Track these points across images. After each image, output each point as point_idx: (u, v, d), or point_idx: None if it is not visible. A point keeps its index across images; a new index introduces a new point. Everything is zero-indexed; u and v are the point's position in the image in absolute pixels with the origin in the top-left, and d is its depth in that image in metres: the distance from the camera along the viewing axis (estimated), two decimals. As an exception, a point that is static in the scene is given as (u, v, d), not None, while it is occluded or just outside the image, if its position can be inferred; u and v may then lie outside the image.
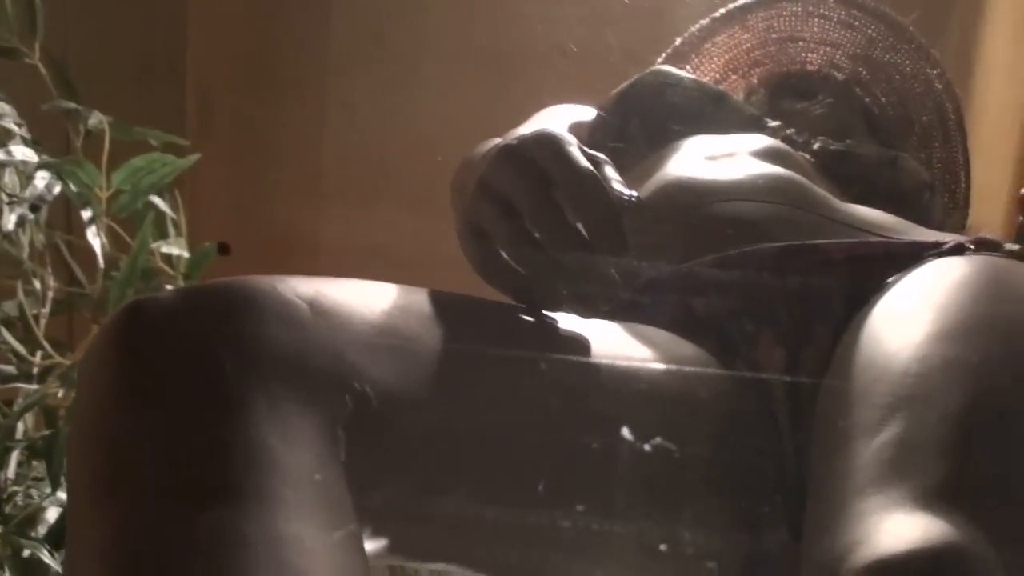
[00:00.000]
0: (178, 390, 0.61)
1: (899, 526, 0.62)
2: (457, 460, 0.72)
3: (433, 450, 0.70)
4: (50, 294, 1.67)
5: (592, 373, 0.79)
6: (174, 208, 1.74)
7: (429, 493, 0.71)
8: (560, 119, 1.37)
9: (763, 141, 1.22)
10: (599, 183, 0.77)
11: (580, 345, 0.81)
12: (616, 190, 0.79)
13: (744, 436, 0.88)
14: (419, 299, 0.75)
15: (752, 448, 0.88)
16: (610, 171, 0.81)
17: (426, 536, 0.75)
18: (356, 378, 0.66)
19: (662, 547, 0.80)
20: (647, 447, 0.78)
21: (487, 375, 0.74)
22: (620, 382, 0.81)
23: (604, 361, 0.80)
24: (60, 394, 1.56)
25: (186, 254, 1.73)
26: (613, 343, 0.84)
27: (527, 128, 1.29)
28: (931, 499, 0.64)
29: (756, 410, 0.90)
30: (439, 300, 0.76)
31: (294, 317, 0.66)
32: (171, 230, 1.73)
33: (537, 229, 0.78)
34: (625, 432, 0.77)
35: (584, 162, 0.79)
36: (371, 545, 0.70)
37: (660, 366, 0.84)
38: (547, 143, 0.80)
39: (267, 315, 0.65)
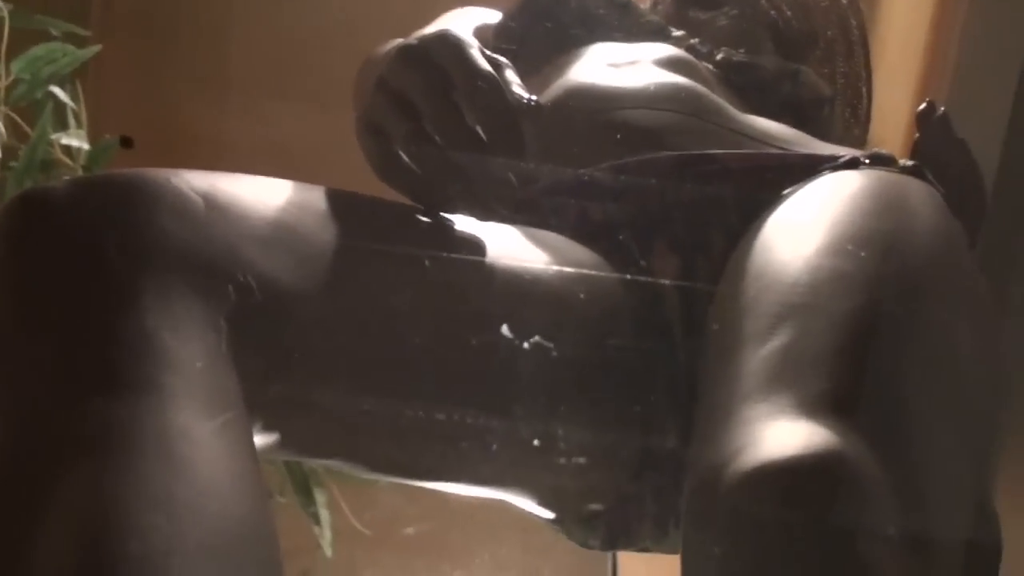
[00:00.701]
0: (67, 279, 0.61)
1: (783, 433, 0.64)
2: (344, 355, 0.73)
3: (321, 344, 0.71)
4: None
5: (479, 272, 0.80)
6: (75, 99, 1.72)
7: (316, 387, 0.71)
8: (465, 21, 1.36)
9: (667, 50, 1.22)
10: (499, 85, 0.78)
11: (472, 244, 0.81)
12: (516, 93, 0.79)
13: (632, 340, 0.89)
14: (315, 197, 0.75)
15: (640, 352, 0.89)
16: (510, 74, 0.81)
17: (314, 430, 0.75)
18: (247, 272, 0.66)
19: (535, 442, 0.81)
20: (526, 345, 0.78)
21: (377, 272, 0.75)
22: (505, 281, 0.82)
23: (491, 261, 0.81)
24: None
25: (86, 146, 1.71)
26: (505, 245, 0.84)
27: (431, 29, 1.28)
28: (815, 407, 0.65)
29: (648, 315, 0.91)
30: (335, 198, 0.77)
31: (187, 210, 0.66)
32: (72, 122, 1.71)
33: (435, 129, 0.78)
34: (505, 330, 0.78)
35: (484, 64, 0.79)
36: (262, 439, 0.71)
37: (548, 267, 0.85)
38: (448, 44, 0.80)
39: (160, 207, 0.65)
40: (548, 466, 0.84)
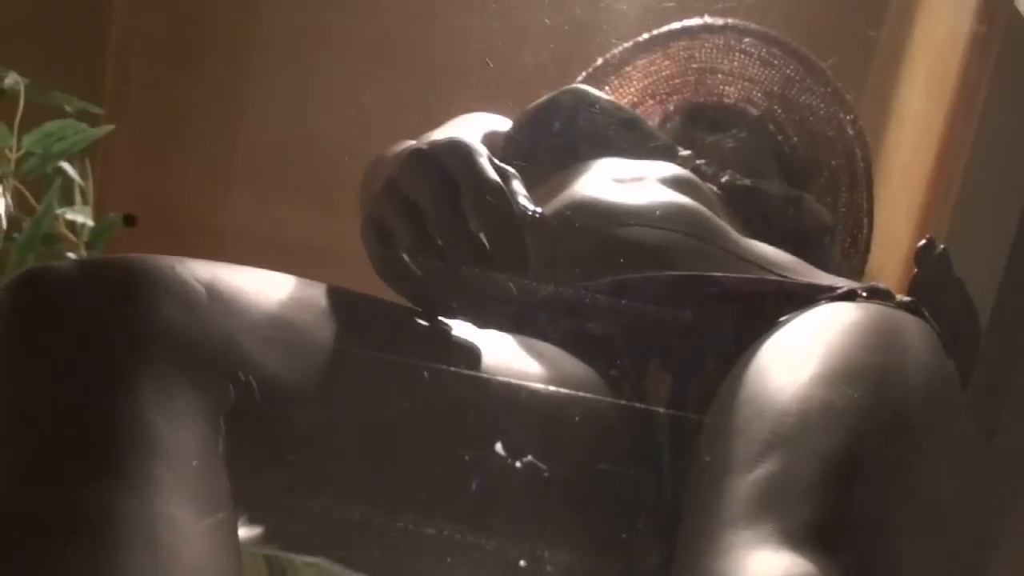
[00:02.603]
0: (66, 362, 0.61)
1: (764, 562, 0.63)
2: (334, 458, 0.72)
3: (312, 446, 0.71)
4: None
5: (475, 386, 0.80)
6: (83, 176, 1.73)
7: (305, 488, 0.71)
8: (475, 127, 1.38)
9: (672, 169, 1.23)
10: (505, 196, 0.78)
11: (469, 355, 0.82)
12: (521, 204, 0.80)
13: (621, 461, 0.89)
14: (316, 294, 0.76)
15: (629, 473, 0.89)
16: (517, 185, 0.82)
17: (300, 529, 0.75)
18: (244, 368, 0.66)
19: (521, 563, 0.81)
20: (518, 464, 0.79)
21: (373, 377, 0.75)
22: (501, 397, 0.82)
23: (488, 375, 0.81)
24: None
25: (91, 222, 1.72)
26: (503, 356, 0.85)
27: (442, 133, 1.30)
28: (798, 538, 0.65)
29: (637, 436, 0.91)
30: (335, 296, 0.77)
31: (190, 299, 0.66)
32: (78, 197, 1.72)
33: (439, 235, 0.79)
34: (498, 447, 0.78)
35: (492, 173, 0.80)
36: (247, 533, 0.70)
37: (544, 386, 0.85)
38: (457, 151, 0.81)
39: (163, 295, 0.65)
40: None
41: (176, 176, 2.30)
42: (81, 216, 1.69)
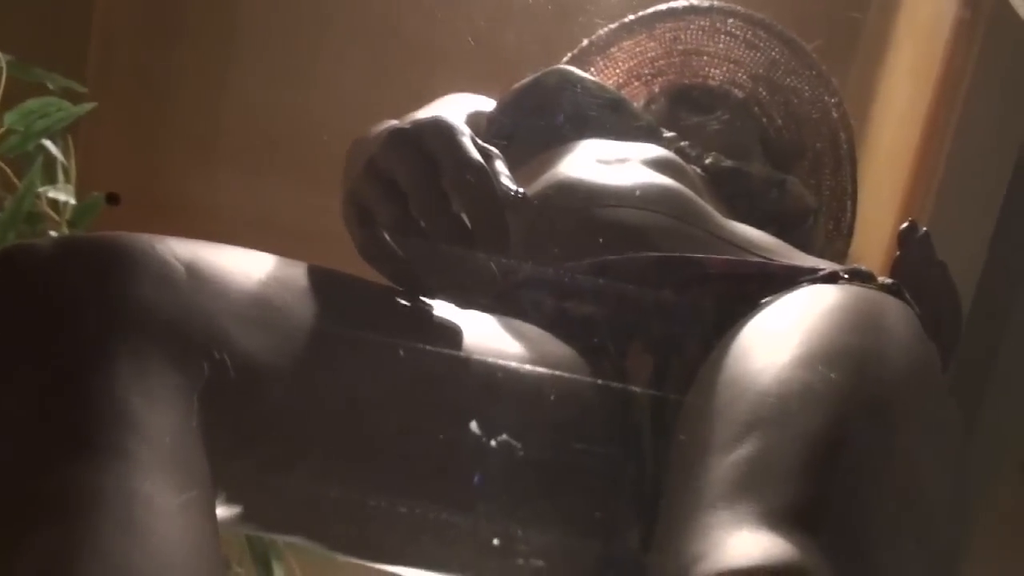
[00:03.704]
0: (43, 339, 0.61)
1: (743, 542, 0.63)
2: (310, 440, 0.72)
3: (288, 428, 0.71)
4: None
5: (452, 366, 0.80)
6: (65, 154, 1.73)
7: (282, 467, 0.71)
8: (459, 107, 1.37)
9: (656, 151, 1.23)
10: (487, 176, 0.78)
11: (450, 335, 0.82)
12: (503, 185, 0.79)
13: (602, 441, 0.89)
14: (296, 273, 0.76)
15: (608, 454, 0.89)
16: (500, 165, 0.82)
17: (278, 508, 0.75)
18: (223, 346, 0.66)
19: (495, 542, 0.81)
20: (493, 443, 0.79)
21: (352, 356, 0.75)
22: (477, 377, 0.81)
23: (467, 354, 0.81)
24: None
25: (73, 201, 1.71)
26: (483, 336, 0.85)
27: (425, 112, 1.29)
28: (777, 518, 0.65)
29: (618, 416, 0.91)
30: (316, 275, 0.77)
31: (169, 278, 0.66)
32: (60, 176, 1.71)
33: (420, 215, 0.79)
34: (473, 426, 0.78)
35: (474, 153, 0.79)
36: (225, 512, 0.70)
37: (523, 365, 0.85)
38: (439, 130, 0.80)
39: (142, 273, 0.65)
40: (507, 567, 0.84)
41: (160, 155, 2.29)
42: (63, 195, 1.68)
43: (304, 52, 2.23)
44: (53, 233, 1.67)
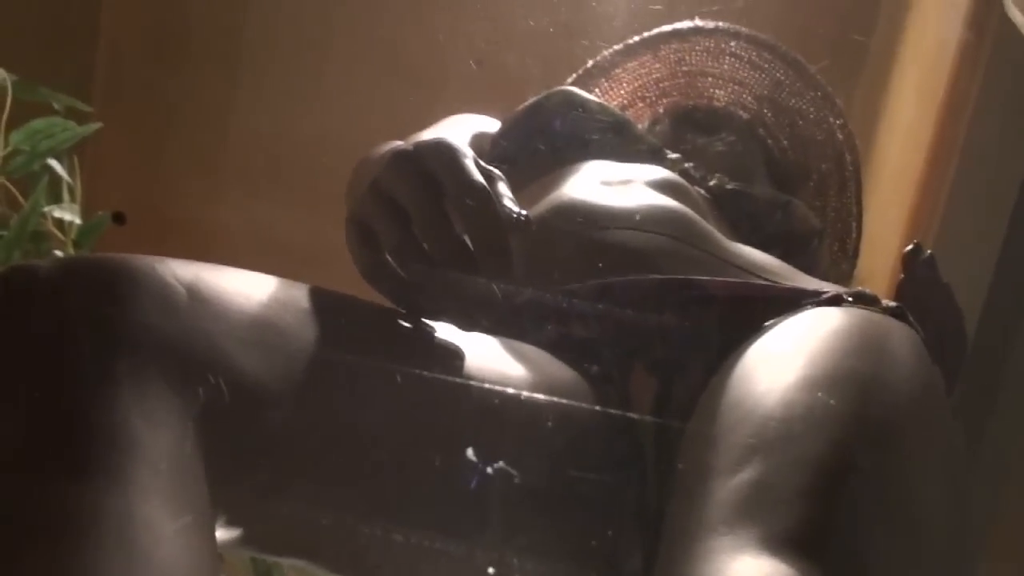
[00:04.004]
0: (43, 360, 0.61)
1: (745, 567, 0.63)
2: (308, 466, 0.72)
3: (289, 449, 0.70)
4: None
5: (454, 390, 0.80)
6: (71, 173, 1.73)
7: (281, 490, 0.71)
8: (463, 129, 1.37)
9: (660, 172, 1.23)
10: (489, 198, 0.78)
11: (452, 358, 0.81)
12: (506, 207, 0.79)
13: (603, 465, 0.88)
14: (298, 294, 0.76)
15: (610, 478, 0.88)
16: (503, 187, 0.82)
17: (277, 530, 0.75)
18: (223, 369, 0.66)
19: (490, 570, 0.81)
20: (489, 470, 0.78)
21: (353, 380, 0.74)
22: (476, 403, 0.81)
23: (467, 379, 0.80)
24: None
25: (78, 220, 1.71)
26: (486, 359, 0.84)
27: (430, 133, 1.30)
28: (779, 544, 0.64)
29: (621, 440, 0.91)
30: (318, 298, 0.77)
31: (170, 300, 0.66)
32: (66, 195, 1.72)
33: (424, 237, 0.79)
34: (469, 453, 0.78)
35: (477, 176, 0.79)
36: (225, 534, 0.70)
37: (525, 392, 0.85)
38: (442, 152, 0.80)
39: (143, 295, 0.65)
40: None
41: (165, 175, 2.30)
42: (69, 214, 1.69)
43: (308, 74, 2.24)
44: (58, 252, 1.68)
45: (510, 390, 0.83)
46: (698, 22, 1.59)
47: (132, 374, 0.61)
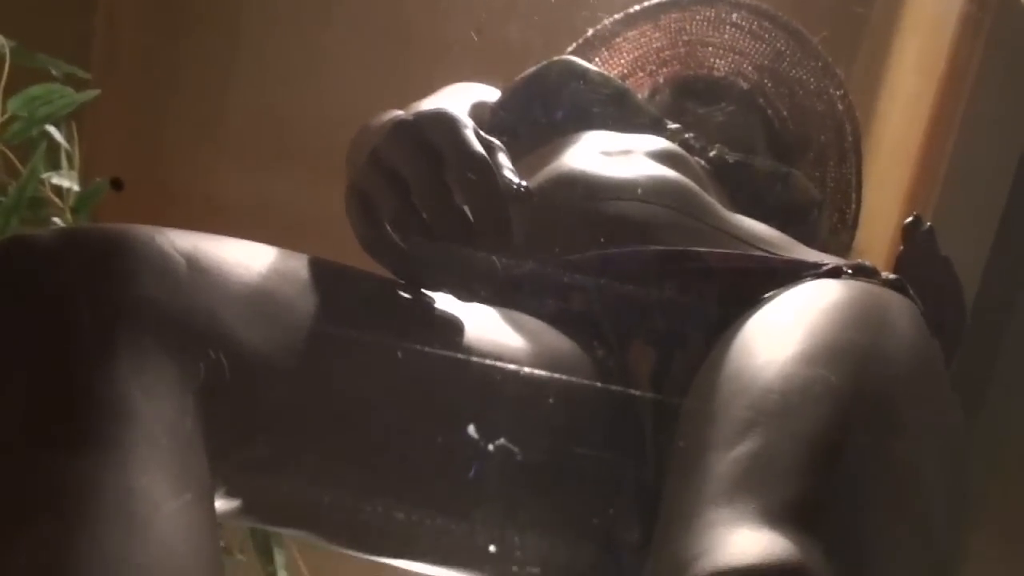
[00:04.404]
0: (42, 331, 0.61)
1: (744, 540, 0.63)
2: (307, 441, 0.72)
3: (289, 421, 0.70)
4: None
5: (451, 367, 0.79)
6: (69, 140, 1.72)
7: (281, 463, 0.71)
8: (464, 98, 1.37)
9: (660, 143, 1.23)
10: (490, 169, 0.78)
11: (452, 329, 0.81)
12: (507, 178, 0.79)
13: (602, 438, 0.88)
14: (297, 265, 0.75)
15: (609, 450, 0.88)
16: (503, 158, 0.81)
17: (277, 502, 0.75)
18: (223, 340, 0.66)
19: (491, 548, 0.81)
20: (491, 447, 0.78)
21: (353, 352, 0.74)
22: (476, 379, 0.81)
23: (467, 352, 0.80)
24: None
25: (77, 187, 1.71)
26: (484, 329, 0.84)
27: (430, 102, 1.29)
28: (778, 516, 0.65)
29: (618, 411, 0.91)
30: (318, 268, 0.76)
31: (169, 270, 0.66)
32: (64, 162, 1.71)
33: (423, 208, 0.78)
34: (471, 430, 0.78)
35: (477, 146, 0.79)
36: (225, 505, 0.70)
37: (520, 367, 0.84)
38: (442, 122, 0.80)
39: (142, 266, 0.64)
40: (505, 567, 0.83)
41: (165, 142, 2.29)
42: (67, 181, 1.68)
43: (308, 41, 2.23)
44: (56, 220, 1.67)
45: (510, 365, 0.83)
46: (699, -9, 1.58)
47: (131, 346, 0.61)
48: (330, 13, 2.23)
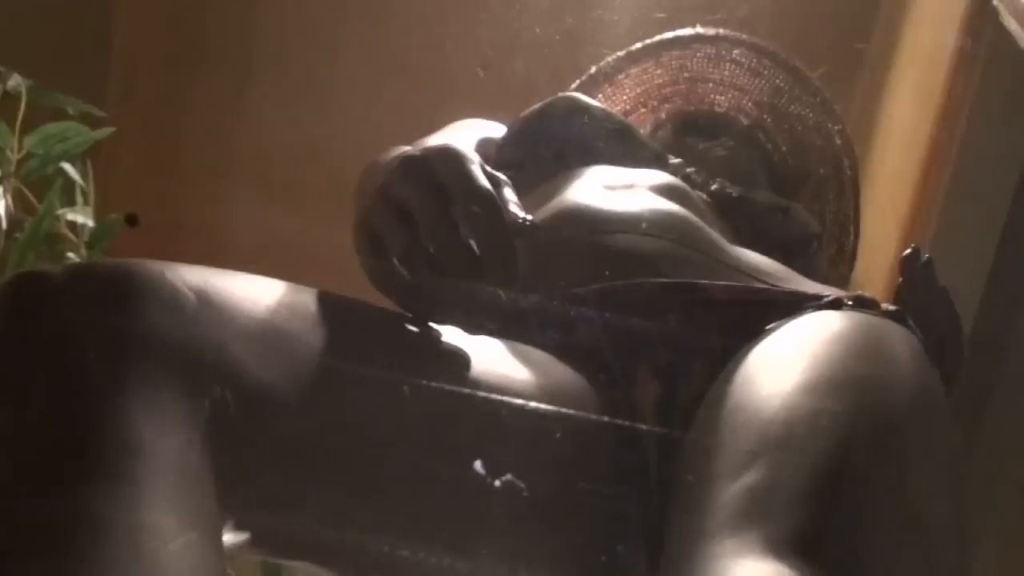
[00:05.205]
0: (53, 365, 0.60)
1: (748, 571, 0.62)
2: (319, 468, 0.71)
3: (298, 455, 0.70)
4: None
5: (457, 403, 0.79)
6: (84, 177, 1.73)
7: (290, 496, 0.70)
8: (470, 134, 1.37)
9: (663, 177, 1.23)
10: (495, 204, 0.77)
11: (459, 363, 0.81)
12: (512, 212, 0.79)
13: (608, 473, 0.87)
14: (306, 299, 0.75)
15: (614, 483, 0.88)
16: (509, 193, 0.81)
17: (284, 537, 0.74)
18: (233, 374, 0.65)
19: None
20: (497, 483, 0.77)
21: (361, 387, 0.73)
22: (483, 415, 0.80)
23: (474, 387, 0.80)
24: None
25: (91, 223, 1.71)
26: (493, 363, 0.84)
27: (437, 139, 1.29)
28: (782, 547, 0.64)
29: (624, 444, 0.90)
30: (327, 303, 0.76)
31: (179, 305, 0.65)
32: (79, 198, 1.71)
33: (430, 243, 0.78)
34: (478, 466, 0.77)
35: (483, 181, 0.78)
36: (234, 538, 0.69)
37: (526, 402, 0.84)
38: (449, 158, 0.80)
39: (152, 301, 0.64)
40: None
41: (178, 178, 2.30)
42: (82, 216, 1.68)
43: (318, 79, 2.24)
44: (71, 255, 1.67)
45: (517, 400, 0.82)
46: (699, 29, 1.59)
47: (141, 381, 0.61)
48: (339, 51, 2.24)
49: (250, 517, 0.69)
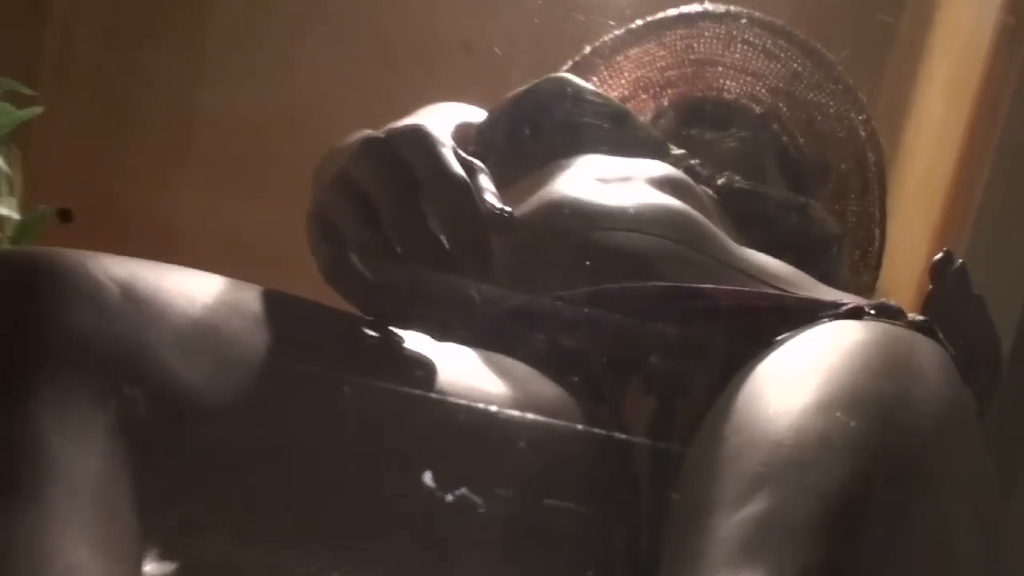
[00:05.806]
0: None
1: None
2: (255, 483, 0.70)
3: (233, 470, 0.68)
4: None
5: (421, 409, 0.78)
6: (10, 164, 1.71)
7: (222, 517, 0.69)
8: (446, 117, 1.36)
9: (662, 169, 1.22)
10: (469, 192, 0.76)
11: (421, 371, 0.79)
12: (488, 202, 0.78)
13: (593, 497, 0.87)
14: (249, 297, 0.74)
15: (601, 511, 0.87)
16: (484, 180, 0.80)
17: (217, 564, 0.72)
18: (160, 378, 0.64)
19: None
20: (449, 497, 0.76)
21: (305, 395, 0.72)
22: (452, 425, 0.79)
23: (438, 396, 0.79)
24: None
25: (16, 216, 1.70)
26: (462, 374, 0.83)
27: (407, 122, 1.28)
28: None
29: (612, 468, 0.89)
30: (273, 301, 0.75)
31: (101, 300, 0.64)
32: (3, 187, 1.70)
33: (393, 234, 0.77)
34: (442, 483, 0.75)
35: (456, 166, 0.77)
36: (157, 570, 0.68)
37: (503, 410, 0.83)
38: (417, 140, 0.78)
39: (70, 294, 0.63)
40: None
41: (122, 168, 2.29)
42: (5, 208, 1.67)
43: (280, 58, 2.24)
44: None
45: (479, 404, 0.81)
46: (707, 5, 1.59)
47: (53, 386, 0.59)
48: (307, 25, 2.23)
49: (178, 545, 0.67)
